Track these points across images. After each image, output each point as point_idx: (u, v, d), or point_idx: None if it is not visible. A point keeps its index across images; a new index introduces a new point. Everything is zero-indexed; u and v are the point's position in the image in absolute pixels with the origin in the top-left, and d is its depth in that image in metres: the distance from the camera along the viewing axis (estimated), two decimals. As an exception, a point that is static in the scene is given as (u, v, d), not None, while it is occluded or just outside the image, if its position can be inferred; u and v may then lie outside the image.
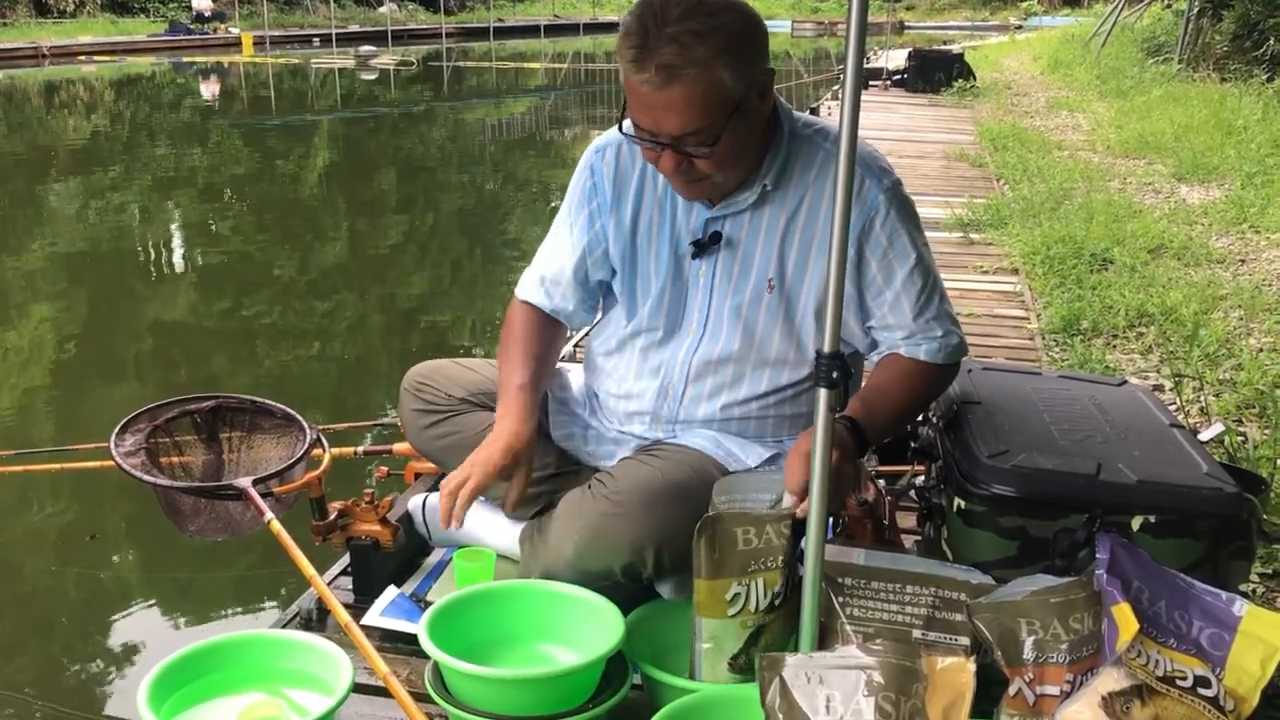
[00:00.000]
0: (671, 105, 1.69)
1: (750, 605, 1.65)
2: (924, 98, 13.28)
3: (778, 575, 1.65)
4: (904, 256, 1.88)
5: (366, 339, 6.50)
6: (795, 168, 1.88)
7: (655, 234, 1.97)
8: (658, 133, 1.73)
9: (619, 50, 1.73)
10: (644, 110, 1.72)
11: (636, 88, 1.70)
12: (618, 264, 2.01)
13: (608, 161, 1.99)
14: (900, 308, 1.89)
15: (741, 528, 1.64)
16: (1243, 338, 4.09)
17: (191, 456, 2.37)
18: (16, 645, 3.13)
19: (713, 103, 1.70)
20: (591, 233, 2.01)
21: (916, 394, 1.94)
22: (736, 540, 1.64)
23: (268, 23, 30.09)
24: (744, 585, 1.65)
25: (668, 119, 1.71)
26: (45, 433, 4.78)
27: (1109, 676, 1.51)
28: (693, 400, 1.98)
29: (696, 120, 1.70)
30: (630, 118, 1.77)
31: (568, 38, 36.97)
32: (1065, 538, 1.77)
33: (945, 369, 1.95)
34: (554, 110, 19.17)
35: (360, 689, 1.79)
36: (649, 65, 1.67)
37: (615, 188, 1.98)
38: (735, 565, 1.64)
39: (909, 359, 1.91)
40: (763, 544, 1.64)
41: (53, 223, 9.30)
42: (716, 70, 1.68)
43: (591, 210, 2.01)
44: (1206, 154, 7.95)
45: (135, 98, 19.66)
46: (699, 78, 1.67)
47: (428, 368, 2.24)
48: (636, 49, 1.68)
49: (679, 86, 1.67)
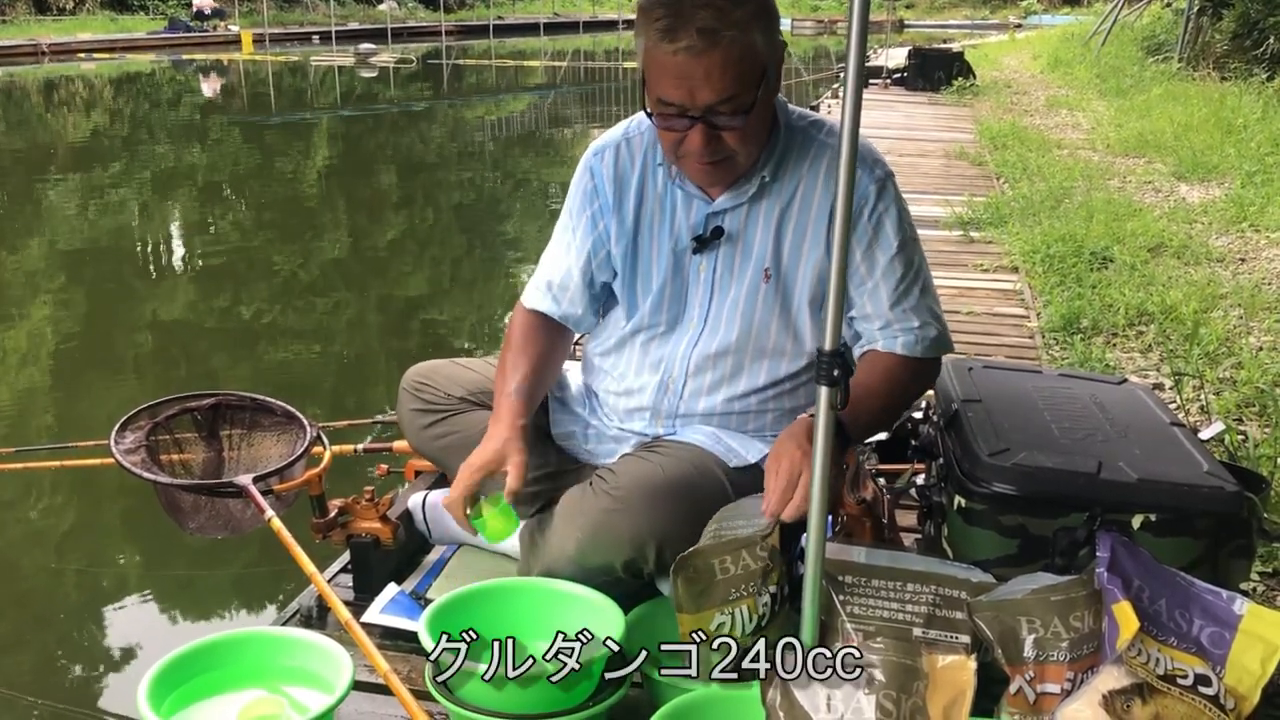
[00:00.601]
0: (710, 71, 1.67)
1: (736, 631, 1.63)
2: (924, 96, 13.28)
3: (756, 602, 1.64)
4: (886, 246, 1.88)
5: (366, 336, 6.50)
6: (790, 159, 1.89)
7: (656, 231, 1.97)
8: (690, 105, 1.71)
9: (644, 26, 1.70)
10: (677, 82, 1.70)
11: (668, 59, 1.68)
12: (619, 263, 2.00)
13: (606, 163, 1.98)
14: (878, 296, 1.89)
15: (718, 558, 1.63)
16: (1243, 336, 4.09)
17: (192, 454, 2.37)
18: (17, 642, 3.13)
19: (750, 67, 1.70)
20: (595, 234, 2.00)
21: (897, 390, 1.93)
22: (714, 571, 1.62)
23: (267, 20, 30.08)
24: (727, 614, 1.64)
25: (704, 87, 1.69)
26: (45, 430, 4.78)
27: (1109, 675, 1.51)
28: (693, 394, 1.98)
29: (733, 85, 1.69)
30: (656, 95, 1.74)
31: (567, 36, 36.97)
32: (1065, 536, 1.77)
33: (924, 363, 1.94)
34: (553, 108, 19.16)
35: (360, 686, 1.79)
36: (686, 31, 1.65)
37: (616, 187, 1.98)
38: (716, 597, 1.63)
39: (887, 354, 1.91)
40: (740, 570, 1.63)
41: (52, 220, 9.29)
42: (752, 33, 1.68)
43: (593, 212, 2.00)
44: (1206, 153, 7.95)
45: (135, 95, 19.65)
46: (738, 40, 1.67)
47: (426, 367, 2.23)
48: (669, 18, 1.66)
49: (719, 50, 1.66)
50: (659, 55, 1.69)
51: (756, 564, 1.63)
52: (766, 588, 1.64)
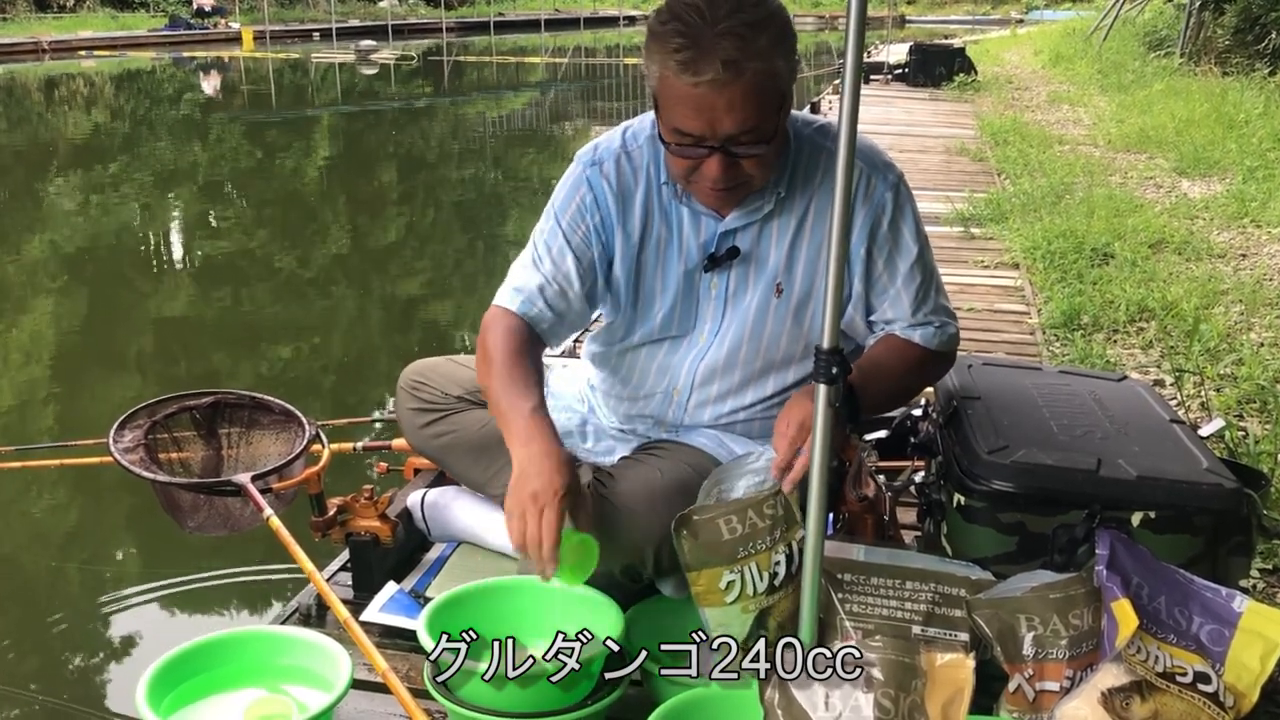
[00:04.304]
0: (733, 103, 1.61)
1: (748, 590, 1.65)
2: (925, 92, 13.27)
3: (768, 556, 1.65)
4: (906, 253, 1.88)
5: (366, 334, 6.50)
6: (801, 171, 1.85)
7: (664, 250, 1.90)
8: (710, 136, 1.66)
9: (658, 56, 1.63)
10: (696, 113, 1.63)
11: (688, 91, 1.61)
12: (623, 279, 1.93)
13: (607, 174, 1.88)
14: (900, 303, 1.89)
15: (724, 518, 1.63)
16: (1243, 333, 4.09)
17: (190, 452, 2.36)
18: (16, 640, 3.13)
19: (771, 95, 1.65)
20: (597, 247, 1.90)
21: (911, 373, 1.93)
22: (720, 531, 1.63)
23: (268, 17, 30.08)
24: (736, 572, 1.64)
25: (726, 119, 1.63)
26: (45, 428, 4.78)
27: (1108, 672, 1.51)
28: (698, 405, 1.97)
29: (755, 116, 1.64)
30: (673, 125, 1.68)
31: (568, 32, 36.96)
32: (1065, 533, 1.76)
33: (939, 355, 1.95)
34: (554, 105, 19.14)
35: (359, 685, 1.79)
36: (710, 63, 1.58)
37: (619, 204, 1.88)
38: (723, 554, 1.64)
39: (905, 339, 1.91)
40: (747, 529, 1.64)
41: (53, 217, 9.29)
42: (775, 60, 1.63)
43: (593, 225, 1.89)
44: (1208, 148, 7.94)
45: (135, 93, 19.65)
46: (761, 71, 1.61)
47: (424, 365, 2.22)
48: (690, 49, 1.59)
49: (742, 82, 1.60)
50: (678, 86, 1.63)
51: (764, 522, 1.64)
52: (779, 546, 1.64)
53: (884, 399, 1.92)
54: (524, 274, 1.92)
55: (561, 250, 1.89)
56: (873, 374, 1.82)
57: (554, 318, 1.90)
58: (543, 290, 1.89)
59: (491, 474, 2.07)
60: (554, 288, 1.89)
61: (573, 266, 1.89)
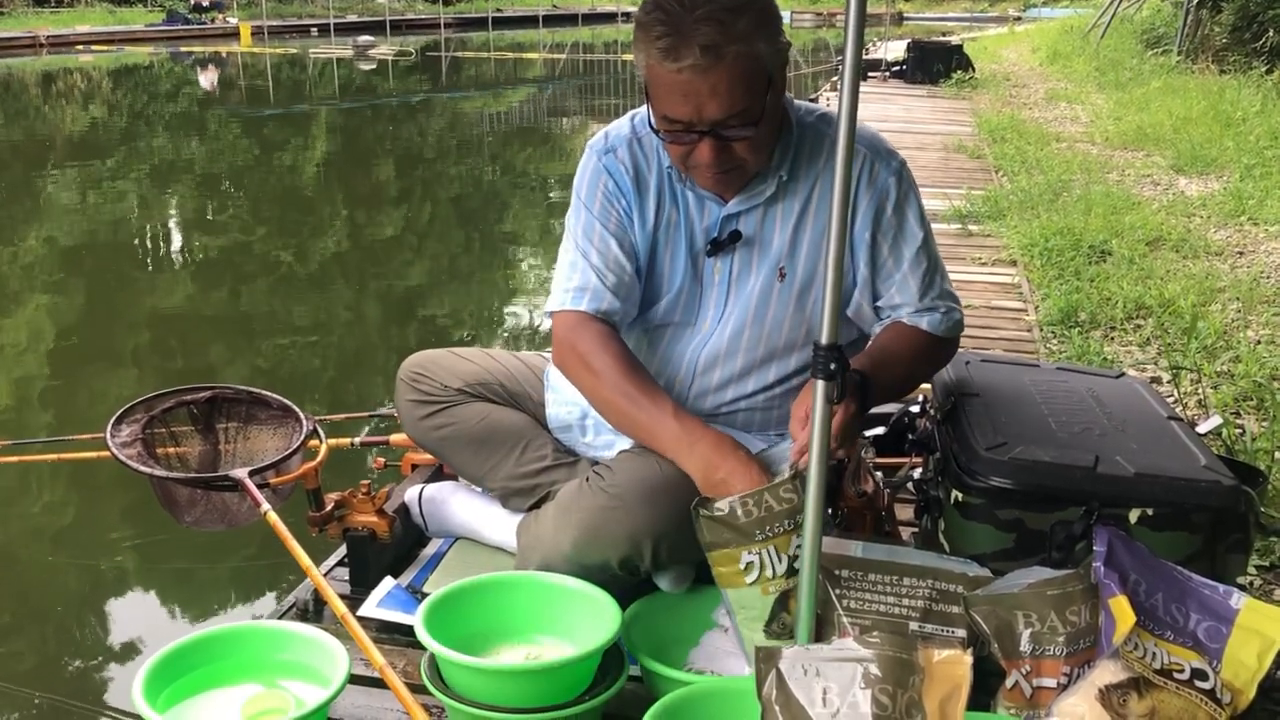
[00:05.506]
0: (716, 87, 1.65)
1: (767, 572, 1.65)
2: (923, 89, 13.27)
3: (788, 539, 1.65)
4: (911, 239, 1.90)
5: (364, 329, 6.49)
6: (804, 157, 1.88)
7: (673, 234, 1.93)
8: (697, 121, 1.69)
9: (643, 45, 1.68)
10: (683, 99, 1.67)
11: (672, 77, 1.66)
12: (641, 262, 1.96)
13: (623, 160, 1.92)
14: (907, 288, 1.91)
15: (741, 503, 1.64)
16: (1241, 330, 4.09)
17: (188, 447, 2.36)
18: (13, 635, 3.13)
19: (756, 77, 1.68)
20: (632, 231, 1.93)
21: (919, 360, 1.95)
22: (736, 515, 1.64)
23: (266, 12, 30.04)
24: (755, 554, 1.65)
25: (711, 103, 1.67)
26: (42, 423, 4.78)
27: (1106, 669, 1.51)
28: (700, 394, 1.97)
29: (741, 99, 1.67)
30: (662, 112, 1.72)
31: (566, 28, 36.93)
32: (1062, 530, 1.76)
33: (945, 341, 1.98)
34: (552, 101, 19.12)
35: (356, 680, 1.78)
36: (689, 49, 1.62)
37: (637, 187, 1.92)
38: (741, 536, 1.64)
39: (912, 326, 1.93)
40: (764, 513, 1.64)
41: (50, 212, 9.28)
42: (756, 44, 1.66)
43: (622, 210, 1.93)
44: (1205, 146, 7.94)
45: (133, 87, 19.62)
46: (742, 54, 1.65)
47: (424, 358, 2.22)
48: (670, 37, 1.64)
49: (723, 66, 1.64)
50: (662, 74, 1.67)
51: (781, 505, 1.64)
52: (800, 531, 1.65)
53: (894, 386, 1.93)
54: (576, 273, 1.93)
55: (604, 238, 1.92)
56: (883, 362, 1.84)
57: (623, 306, 1.93)
58: (603, 280, 1.91)
59: (490, 466, 2.08)
60: (611, 276, 1.91)
61: (619, 250, 1.92)
